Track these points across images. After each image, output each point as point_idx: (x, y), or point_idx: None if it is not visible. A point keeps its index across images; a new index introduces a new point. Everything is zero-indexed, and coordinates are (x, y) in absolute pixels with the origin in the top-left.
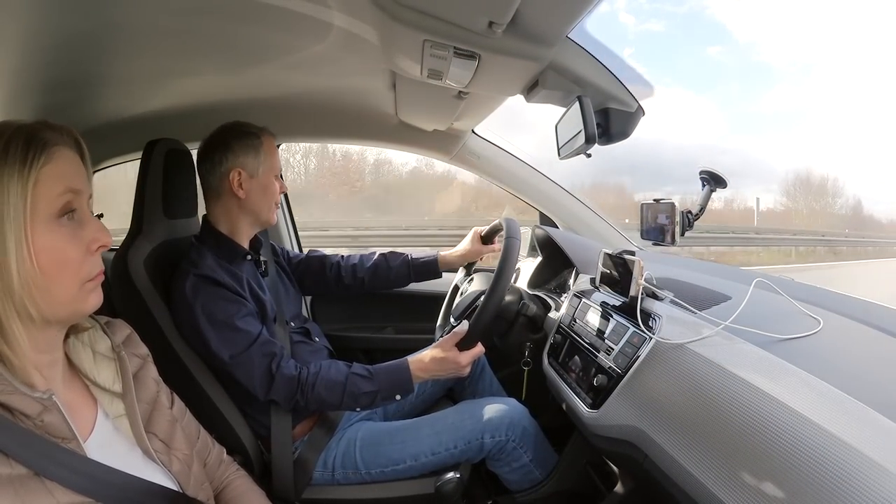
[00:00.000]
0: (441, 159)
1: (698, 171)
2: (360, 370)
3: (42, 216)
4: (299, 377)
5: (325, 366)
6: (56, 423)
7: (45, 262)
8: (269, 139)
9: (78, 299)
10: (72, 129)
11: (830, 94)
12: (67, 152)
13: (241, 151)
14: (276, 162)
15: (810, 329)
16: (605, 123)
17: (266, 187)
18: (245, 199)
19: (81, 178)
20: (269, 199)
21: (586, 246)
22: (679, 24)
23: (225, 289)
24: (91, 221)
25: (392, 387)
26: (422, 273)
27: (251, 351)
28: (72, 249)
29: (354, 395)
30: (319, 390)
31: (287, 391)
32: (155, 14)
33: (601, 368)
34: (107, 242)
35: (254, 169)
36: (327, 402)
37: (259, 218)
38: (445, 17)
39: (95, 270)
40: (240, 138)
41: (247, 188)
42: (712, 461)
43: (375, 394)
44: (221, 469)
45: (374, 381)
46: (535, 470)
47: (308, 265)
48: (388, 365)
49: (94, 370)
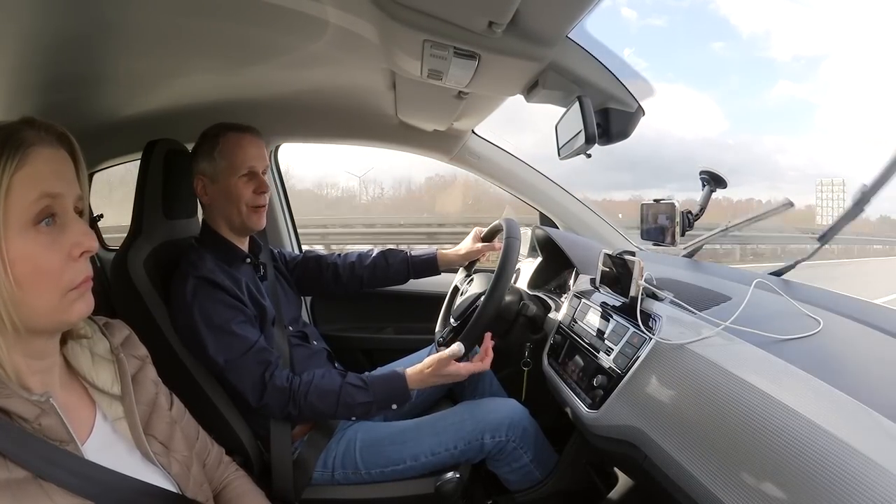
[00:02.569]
0: (441, 159)
1: (698, 171)
2: (354, 380)
3: (15, 224)
4: (291, 387)
5: (319, 374)
6: (54, 426)
7: (21, 272)
8: (232, 137)
9: (60, 309)
10: (56, 125)
11: (837, 89)
12: (46, 152)
13: (200, 156)
14: (238, 161)
15: (810, 329)
16: (605, 123)
17: (227, 190)
18: (210, 204)
19: (62, 179)
20: (233, 202)
21: (586, 246)
22: (682, 19)
23: (224, 292)
24: (74, 225)
25: (388, 397)
26: (420, 270)
27: (246, 357)
28: (50, 257)
29: (349, 406)
30: (312, 400)
31: (279, 401)
32: (151, 13)
33: (601, 369)
34: (90, 247)
35: (212, 173)
36: (321, 411)
37: (233, 224)
38: (445, 16)
39: (79, 278)
40: (200, 146)
41: (210, 193)
42: (712, 461)
43: (371, 404)
44: (221, 470)
45: (368, 391)
46: (535, 470)
47: (305, 266)
48: (384, 374)
49: (93, 372)
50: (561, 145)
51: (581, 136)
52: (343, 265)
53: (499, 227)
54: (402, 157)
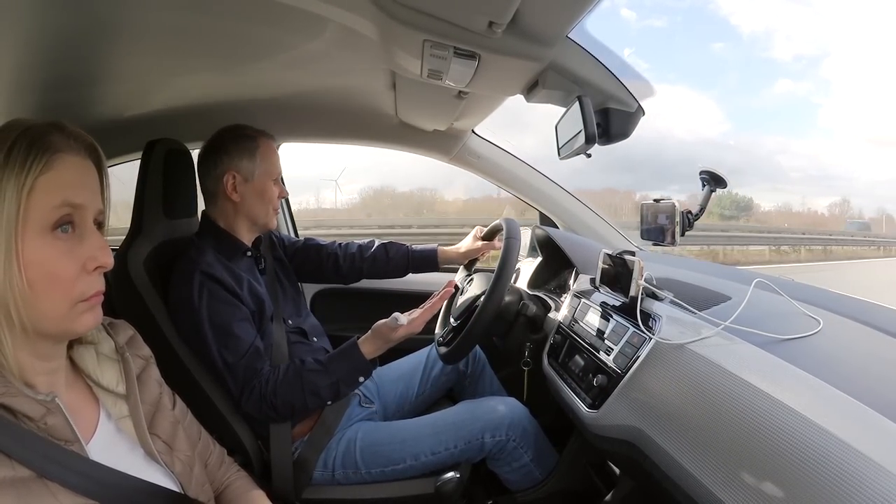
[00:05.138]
0: (441, 159)
1: (698, 171)
2: (312, 365)
3: (34, 227)
4: (262, 391)
5: (283, 369)
6: (59, 426)
7: (34, 275)
8: (266, 142)
9: (68, 319)
10: (86, 135)
11: (839, 88)
12: (74, 160)
13: (236, 154)
14: (273, 166)
15: (810, 329)
16: (605, 123)
17: (262, 191)
18: (240, 202)
19: (86, 189)
20: (265, 203)
21: (586, 246)
22: (682, 19)
23: (223, 287)
24: (91, 238)
25: (349, 371)
26: (420, 265)
27: (241, 361)
28: (65, 266)
29: (315, 392)
30: (282, 395)
31: (257, 406)
32: (151, 12)
33: (601, 369)
34: (105, 264)
35: (249, 172)
36: (295, 405)
37: (256, 222)
38: (445, 16)
39: (91, 291)
40: (236, 141)
41: (241, 191)
42: (712, 461)
43: (336, 383)
44: (222, 470)
45: (328, 372)
46: (535, 470)
47: (306, 254)
48: (339, 351)
49: (98, 371)
50: (561, 145)
51: (581, 136)
52: (343, 256)
53: (499, 227)
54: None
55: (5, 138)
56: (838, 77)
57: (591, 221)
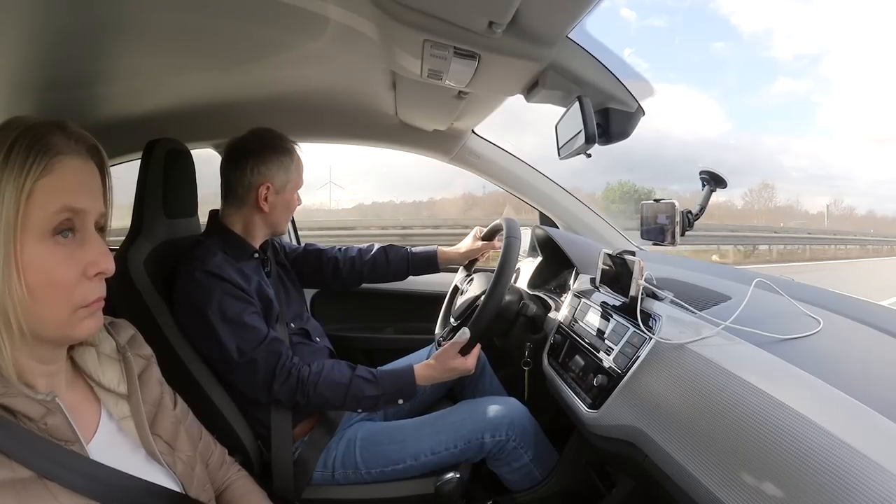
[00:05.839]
0: (441, 159)
1: (699, 170)
2: (364, 373)
3: (34, 231)
4: (300, 376)
5: (329, 366)
6: (60, 426)
7: (34, 281)
8: (299, 155)
9: (68, 324)
10: (89, 136)
11: (840, 87)
12: (75, 163)
13: (274, 165)
14: (301, 178)
15: (810, 329)
16: (605, 123)
17: (289, 203)
18: (269, 213)
19: (88, 193)
20: (288, 213)
21: (586, 246)
22: (682, 19)
23: (234, 286)
24: (93, 243)
25: (396, 391)
26: (420, 267)
27: (259, 349)
28: (65, 271)
29: (357, 398)
30: (322, 390)
31: (289, 390)
32: (151, 11)
33: (601, 368)
34: (106, 269)
35: (281, 185)
36: (330, 402)
37: (275, 230)
38: (445, 16)
39: (92, 297)
40: (276, 153)
41: (272, 202)
42: (712, 461)
43: (378, 398)
44: (223, 470)
45: (378, 385)
46: (535, 470)
47: (306, 259)
48: (393, 370)
49: (99, 371)
50: (561, 145)
51: (581, 135)
52: (343, 260)
53: (499, 227)
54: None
55: (5, 137)
56: (839, 75)
57: (592, 221)
